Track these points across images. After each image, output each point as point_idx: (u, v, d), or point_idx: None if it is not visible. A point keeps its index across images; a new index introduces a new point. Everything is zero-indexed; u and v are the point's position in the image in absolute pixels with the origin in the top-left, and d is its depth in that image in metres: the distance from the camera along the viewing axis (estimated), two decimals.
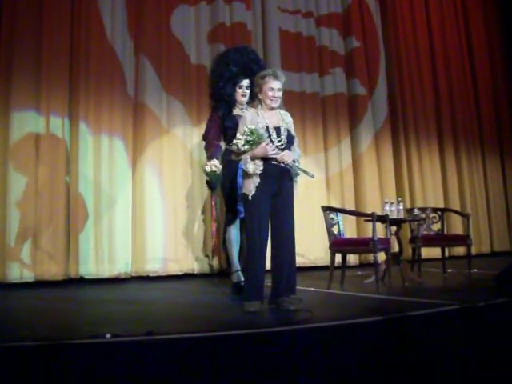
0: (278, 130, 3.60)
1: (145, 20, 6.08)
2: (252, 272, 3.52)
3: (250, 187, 3.50)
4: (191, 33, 6.40)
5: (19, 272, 5.04)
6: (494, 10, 9.78)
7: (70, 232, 5.35)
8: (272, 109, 3.68)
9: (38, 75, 5.35)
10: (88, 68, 5.62)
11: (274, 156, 3.50)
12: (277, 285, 3.54)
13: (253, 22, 6.85)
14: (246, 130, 3.46)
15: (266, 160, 3.50)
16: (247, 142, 3.44)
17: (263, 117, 3.61)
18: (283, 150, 3.55)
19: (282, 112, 3.77)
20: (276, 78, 3.67)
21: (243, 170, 3.56)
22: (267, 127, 3.57)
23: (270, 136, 3.54)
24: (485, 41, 9.46)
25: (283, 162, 3.53)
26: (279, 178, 3.57)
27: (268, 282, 3.61)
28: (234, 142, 3.50)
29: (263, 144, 3.47)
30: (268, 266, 3.62)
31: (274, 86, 3.64)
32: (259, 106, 3.71)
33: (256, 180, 3.49)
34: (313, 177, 3.66)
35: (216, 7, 6.54)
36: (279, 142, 3.57)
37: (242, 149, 3.46)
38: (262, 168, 3.49)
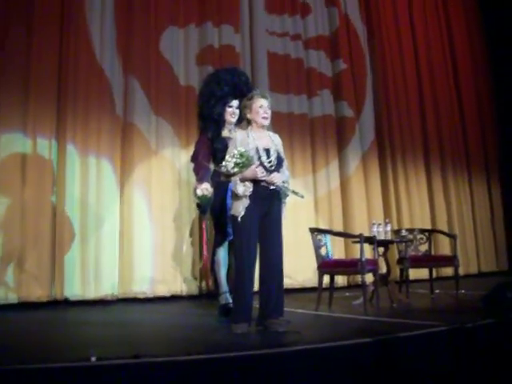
0: (267, 151, 3.62)
1: (134, 41, 6.11)
2: (240, 294, 3.50)
3: (239, 209, 3.50)
4: (180, 54, 6.43)
5: (4, 294, 4.96)
6: (478, 33, 9.97)
7: (56, 253, 5.28)
8: (263, 127, 3.72)
9: (25, 95, 5.33)
10: (76, 89, 5.61)
11: (263, 178, 3.51)
12: (265, 306, 3.52)
13: (241, 45, 6.91)
14: (236, 152, 3.48)
15: (255, 182, 3.52)
16: (237, 164, 3.45)
17: (253, 138, 3.64)
18: (272, 171, 3.57)
19: (271, 134, 3.80)
20: (264, 97, 3.76)
21: (232, 192, 3.57)
22: (257, 148, 3.59)
23: (259, 157, 3.57)
24: (470, 63, 9.63)
25: (273, 184, 3.55)
26: (268, 200, 3.58)
27: (256, 303, 3.59)
28: (224, 164, 3.52)
29: (253, 166, 3.49)
30: (256, 287, 3.61)
31: (264, 104, 3.70)
32: (249, 128, 3.74)
33: (246, 202, 3.50)
34: (303, 197, 3.71)
35: (205, 30, 6.60)
36: (269, 163, 3.59)
37: (232, 171, 3.48)
38: (251, 190, 3.50)
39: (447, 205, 8.54)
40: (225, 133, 4.62)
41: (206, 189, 4.27)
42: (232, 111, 4.64)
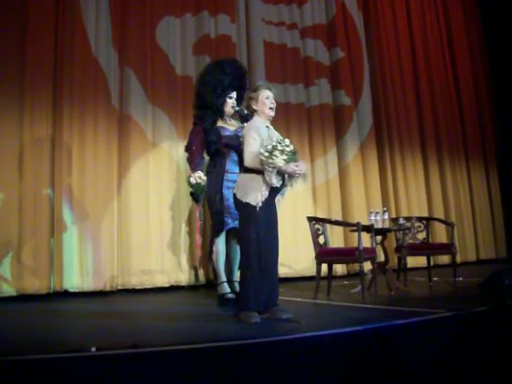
0: None
1: (130, 31, 6.07)
2: (253, 282, 3.46)
3: (258, 199, 3.49)
4: (176, 44, 6.39)
5: (2, 286, 4.97)
6: (476, 19, 9.94)
7: (54, 245, 5.28)
8: (269, 119, 3.73)
9: (21, 84, 5.32)
10: (72, 81, 5.57)
11: (294, 175, 3.55)
12: (269, 295, 3.52)
13: (237, 34, 6.87)
14: (289, 145, 3.47)
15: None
16: (287, 156, 3.44)
17: (273, 132, 3.67)
18: None
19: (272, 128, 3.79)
20: (269, 88, 3.77)
21: (257, 181, 3.51)
22: None
23: None
24: (467, 50, 9.59)
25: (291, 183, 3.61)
26: (277, 193, 3.62)
27: None
28: (272, 150, 3.44)
29: (292, 163, 3.49)
30: None
31: (270, 95, 3.73)
32: (262, 120, 3.70)
33: (265, 192, 3.50)
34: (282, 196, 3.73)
35: (201, 19, 6.56)
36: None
37: (278, 163, 3.42)
38: (281, 182, 3.52)
39: (444, 192, 8.54)
40: (220, 123, 4.60)
41: (199, 177, 4.28)
42: (232, 102, 4.63)
